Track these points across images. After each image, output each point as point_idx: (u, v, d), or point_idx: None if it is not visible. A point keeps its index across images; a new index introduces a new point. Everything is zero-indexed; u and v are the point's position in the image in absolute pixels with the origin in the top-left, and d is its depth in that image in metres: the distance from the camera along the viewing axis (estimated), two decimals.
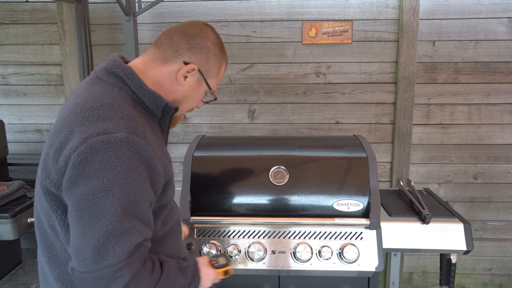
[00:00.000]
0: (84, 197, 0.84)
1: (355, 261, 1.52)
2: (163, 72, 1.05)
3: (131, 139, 0.88)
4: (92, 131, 0.87)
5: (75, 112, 0.93)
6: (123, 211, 0.84)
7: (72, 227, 0.86)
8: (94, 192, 0.84)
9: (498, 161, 2.59)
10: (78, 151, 0.85)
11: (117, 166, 0.85)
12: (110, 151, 0.85)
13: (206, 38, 1.08)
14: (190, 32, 1.06)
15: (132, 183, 0.86)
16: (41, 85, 2.68)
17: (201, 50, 1.07)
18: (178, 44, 1.05)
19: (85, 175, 0.85)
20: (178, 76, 1.05)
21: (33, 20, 2.60)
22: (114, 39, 2.60)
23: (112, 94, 0.96)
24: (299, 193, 1.62)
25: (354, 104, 2.58)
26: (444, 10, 2.45)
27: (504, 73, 2.49)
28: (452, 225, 1.62)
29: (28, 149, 2.75)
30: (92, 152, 0.85)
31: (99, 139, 0.86)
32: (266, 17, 2.51)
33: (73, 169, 0.85)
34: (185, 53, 1.05)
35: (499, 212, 2.65)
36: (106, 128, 0.88)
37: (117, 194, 0.84)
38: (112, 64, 1.01)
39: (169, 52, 1.05)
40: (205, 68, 1.08)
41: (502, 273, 2.74)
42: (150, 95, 1.01)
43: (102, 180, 0.84)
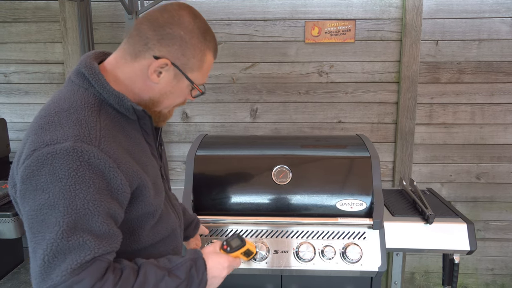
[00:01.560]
0: (32, 213, 0.81)
1: (358, 261, 1.52)
2: (135, 68, 0.95)
3: (79, 148, 0.81)
4: (40, 142, 0.83)
5: (36, 117, 0.90)
6: (70, 227, 0.79)
7: (28, 244, 0.83)
8: (40, 207, 0.80)
9: (501, 161, 2.58)
10: (25, 164, 0.82)
11: (63, 178, 0.80)
12: (56, 163, 0.80)
13: (178, 26, 0.93)
14: (159, 21, 0.93)
15: (80, 195, 0.80)
16: (43, 83, 2.67)
17: (173, 41, 0.93)
18: (147, 36, 0.93)
19: (32, 189, 0.81)
20: (149, 73, 0.94)
21: (35, 18, 2.60)
22: (116, 38, 2.60)
23: (74, 97, 0.90)
24: (302, 192, 1.61)
25: (356, 103, 2.58)
26: (448, 10, 2.44)
27: (507, 72, 2.48)
28: (455, 225, 1.62)
29: None
30: (38, 165, 0.81)
31: (45, 151, 0.81)
32: (269, 16, 2.50)
33: (21, 183, 0.83)
34: (154, 46, 0.93)
35: (501, 212, 2.65)
36: (54, 138, 0.82)
37: (62, 209, 0.79)
38: (80, 63, 0.95)
39: (138, 46, 0.93)
40: (181, 61, 0.95)
41: (504, 273, 2.73)
42: (114, 96, 0.92)
43: (48, 195, 0.80)
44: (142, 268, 0.90)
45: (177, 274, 0.93)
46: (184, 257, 0.99)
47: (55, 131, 0.84)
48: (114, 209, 0.86)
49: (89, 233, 0.81)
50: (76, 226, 0.80)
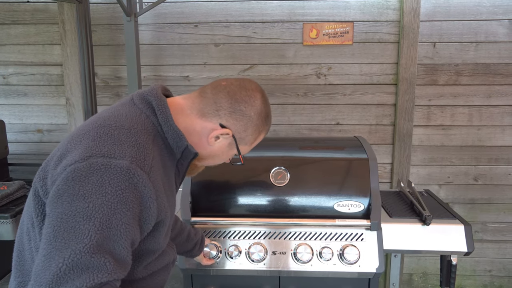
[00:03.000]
0: (64, 216, 0.78)
1: (355, 262, 1.52)
2: (197, 124, 1.00)
3: (133, 170, 0.82)
4: (97, 150, 0.83)
5: (94, 123, 0.91)
6: (98, 244, 0.76)
7: (42, 245, 0.78)
8: (75, 214, 0.77)
9: (499, 162, 2.59)
10: (75, 165, 0.81)
11: (109, 194, 0.79)
12: (106, 177, 0.80)
13: (251, 106, 1.01)
14: (237, 96, 1.00)
15: (118, 215, 0.79)
16: (42, 85, 2.68)
17: (242, 118, 1.01)
18: (221, 105, 1.00)
19: (73, 193, 0.79)
20: (210, 136, 1.00)
21: (34, 20, 2.60)
22: (115, 40, 2.60)
23: (136, 119, 0.93)
24: (300, 194, 1.61)
25: (354, 105, 2.59)
26: (445, 12, 2.45)
27: (504, 75, 2.49)
28: (452, 226, 1.62)
29: (29, 149, 2.75)
30: (88, 172, 0.80)
31: (100, 161, 0.81)
32: (267, 18, 2.51)
33: (63, 183, 0.80)
34: (224, 116, 1.00)
35: (499, 213, 2.65)
36: (112, 152, 0.83)
37: (98, 224, 0.77)
38: (149, 91, 0.99)
39: (209, 109, 1.00)
40: (241, 136, 1.03)
41: (502, 274, 2.74)
42: (174, 132, 0.96)
43: (88, 205, 0.78)
44: None
45: None
46: None
47: (114, 146, 0.85)
48: (136, 238, 0.86)
49: (111, 255, 0.79)
50: (103, 245, 0.78)
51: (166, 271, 1.11)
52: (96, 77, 2.62)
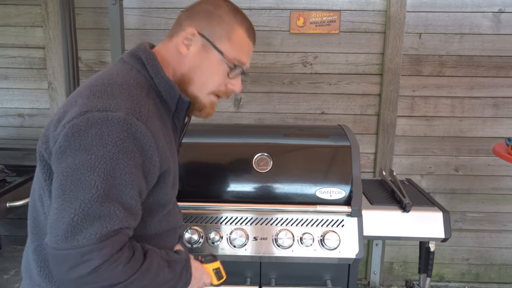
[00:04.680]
0: (69, 170, 0.81)
1: (336, 248, 1.54)
2: (170, 47, 1.02)
3: (129, 121, 0.84)
4: (92, 105, 0.85)
5: (86, 84, 0.93)
6: (105, 193, 0.80)
7: (53, 200, 0.83)
8: (79, 167, 0.80)
9: (479, 153, 2.64)
10: (73, 122, 0.83)
11: (109, 144, 0.81)
12: (105, 129, 0.82)
13: (206, 3, 1.02)
14: (192, 5, 1.04)
15: (121, 165, 0.82)
16: (23, 68, 2.62)
17: (200, 14, 1.00)
18: (181, 19, 1.02)
19: (74, 148, 0.82)
20: (179, 44, 0.99)
21: (15, 1, 2.53)
22: (100, 23, 2.55)
23: (127, 75, 0.94)
24: (282, 180, 1.62)
25: (340, 94, 2.60)
26: (431, 3, 2.47)
27: (487, 67, 2.53)
28: (431, 213, 1.65)
29: (9, 133, 2.69)
30: (86, 126, 0.82)
31: (97, 115, 0.83)
32: (254, 5, 2.49)
33: (64, 139, 0.83)
34: (184, 23, 1.00)
35: (478, 203, 2.71)
36: (107, 105, 0.85)
37: (102, 173, 0.80)
38: (137, 47, 1.00)
39: (174, 29, 1.03)
40: (208, 31, 0.99)
41: (479, 263, 2.81)
42: (166, 83, 0.97)
43: (91, 156, 0.80)
44: (148, 254, 0.91)
45: (174, 268, 0.97)
46: (180, 255, 1.04)
47: (108, 100, 0.86)
48: (142, 188, 0.88)
49: (119, 204, 0.82)
50: (110, 193, 0.81)
51: (174, 234, 1.13)
52: (79, 61, 2.58)
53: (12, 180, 2.19)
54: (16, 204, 2.07)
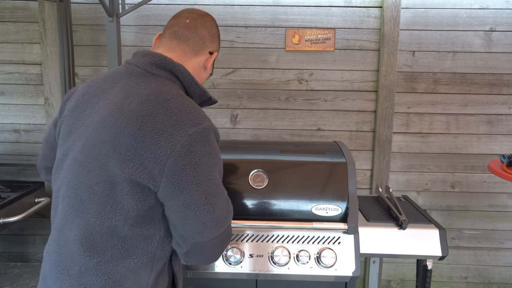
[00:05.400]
0: (197, 182, 0.97)
1: (332, 265, 1.52)
2: (195, 63, 1.19)
3: (212, 127, 1.03)
4: (184, 124, 0.97)
5: (150, 104, 0.99)
6: (220, 179, 1.05)
7: (189, 211, 0.98)
8: (204, 176, 0.98)
9: (475, 170, 2.65)
10: (180, 144, 0.95)
11: (212, 151, 1.00)
12: (204, 140, 0.99)
13: (215, 26, 1.25)
14: (207, 24, 1.21)
15: (220, 161, 1.05)
16: (20, 84, 2.63)
17: (216, 38, 1.25)
18: (204, 36, 1.20)
19: (192, 164, 0.96)
20: (208, 64, 1.22)
21: (14, 18, 2.56)
22: (97, 40, 2.58)
23: (172, 86, 1.07)
24: (278, 197, 1.61)
25: (335, 111, 2.61)
26: (424, 22, 2.51)
27: (480, 84, 2.56)
28: (428, 231, 1.64)
29: (5, 149, 2.68)
30: (192, 143, 0.96)
31: (194, 130, 0.97)
32: (250, 23, 2.53)
33: (180, 160, 0.95)
34: (209, 44, 1.21)
35: (475, 220, 2.70)
36: (194, 120, 0.99)
37: (217, 173, 1.02)
38: (161, 60, 1.09)
39: (198, 46, 1.19)
40: (218, 52, 1.27)
41: (477, 281, 2.78)
42: (199, 89, 1.15)
43: (207, 165, 0.98)
44: None
45: None
46: None
47: (189, 114, 1.00)
48: None
49: None
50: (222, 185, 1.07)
51: None
52: (76, 77, 2.59)
53: (6, 196, 2.18)
54: (10, 220, 2.05)
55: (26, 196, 2.25)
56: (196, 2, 2.52)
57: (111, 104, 1.02)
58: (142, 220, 1.00)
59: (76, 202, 1.01)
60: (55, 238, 1.05)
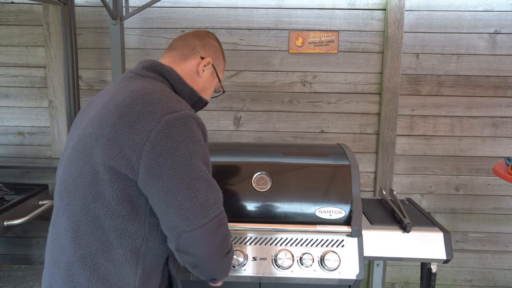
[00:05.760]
0: (176, 166, 0.96)
1: (336, 268, 1.52)
2: (185, 68, 1.22)
3: (194, 115, 1.03)
4: (161, 111, 0.98)
5: (131, 97, 1.02)
6: (208, 171, 1.03)
7: (169, 197, 0.96)
8: (182, 160, 0.97)
9: (479, 173, 2.63)
10: (156, 129, 0.96)
11: (192, 137, 1.00)
12: (183, 126, 0.99)
13: (213, 39, 1.31)
14: (200, 34, 1.28)
15: (204, 149, 1.04)
16: (24, 87, 2.64)
17: (212, 47, 1.28)
18: (194, 44, 1.25)
19: (169, 148, 0.96)
20: (199, 68, 1.23)
21: (18, 22, 2.58)
22: (100, 43, 2.59)
23: (159, 84, 1.10)
24: (282, 199, 1.61)
25: (339, 113, 2.61)
26: (428, 24, 2.50)
27: (484, 87, 2.55)
28: (432, 234, 1.63)
29: (9, 151, 2.69)
30: (168, 128, 0.97)
31: (171, 116, 0.98)
32: (254, 26, 2.53)
33: (156, 145, 0.96)
34: (200, 50, 1.25)
35: (479, 223, 2.69)
36: (172, 108, 1.00)
37: (200, 160, 1.00)
38: (151, 63, 1.16)
39: (187, 51, 1.24)
40: (216, 63, 1.29)
41: (482, 284, 2.76)
42: (188, 89, 1.18)
43: (185, 150, 0.97)
44: None
45: None
46: None
47: (168, 104, 1.01)
48: None
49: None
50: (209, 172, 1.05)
51: None
52: (80, 80, 2.60)
53: (10, 198, 2.18)
54: (14, 222, 2.06)
55: (30, 199, 2.26)
56: (200, 5, 2.52)
57: (101, 103, 1.08)
58: (125, 212, 1.00)
59: (64, 195, 1.04)
60: (50, 234, 1.10)
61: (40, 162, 2.60)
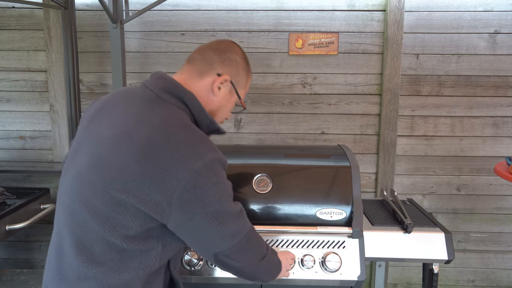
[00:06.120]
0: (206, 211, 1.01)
1: (337, 270, 1.51)
2: (201, 85, 1.16)
3: (217, 156, 1.04)
4: (189, 160, 0.98)
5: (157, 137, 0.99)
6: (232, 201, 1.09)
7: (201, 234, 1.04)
8: (211, 204, 1.01)
9: (481, 173, 2.63)
10: (185, 180, 0.97)
11: (218, 181, 1.03)
12: (210, 173, 1.00)
13: (235, 53, 1.20)
14: (220, 48, 1.19)
15: (228, 186, 1.08)
16: (26, 91, 2.65)
17: (231, 63, 1.18)
18: (212, 59, 1.16)
19: (198, 196, 0.99)
20: (214, 87, 1.16)
21: (19, 26, 2.59)
22: (101, 47, 2.60)
23: (181, 114, 1.07)
24: (283, 201, 1.61)
25: (339, 115, 2.61)
26: (428, 25, 2.50)
27: (485, 86, 2.55)
28: (433, 234, 1.63)
29: (11, 156, 2.70)
30: (197, 177, 0.98)
31: (199, 165, 0.98)
32: (253, 28, 2.53)
33: (186, 193, 0.98)
34: (218, 66, 1.16)
35: (481, 223, 2.68)
36: (199, 153, 1.00)
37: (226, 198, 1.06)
38: (172, 85, 1.10)
39: (203, 67, 1.16)
40: (236, 79, 1.20)
41: (485, 284, 2.75)
42: (208, 119, 1.15)
43: (214, 195, 1.01)
44: None
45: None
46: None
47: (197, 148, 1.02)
48: None
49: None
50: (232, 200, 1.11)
51: None
52: (81, 83, 2.61)
53: (12, 202, 2.19)
54: (15, 226, 2.06)
55: (31, 203, 2.27)
56: (200, 8, 2.53)
57: (122, 126, 1.03)
58: (141, 237, 1.02)
59: (78, 216, 1.03)
60: (55, 247, 1.08)
61: (42, 166, 2.61)
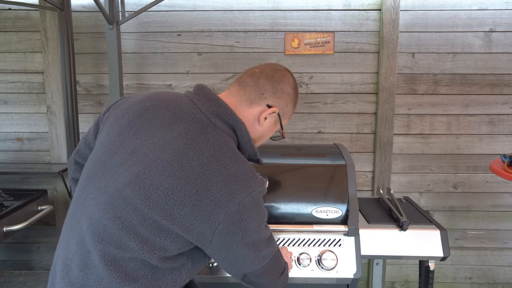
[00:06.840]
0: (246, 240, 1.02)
1: (333, 268, 1.52)
2: (249, 113, 1.14)
3: (262, 189, 1.04)
4: (239, 195, 0.98)
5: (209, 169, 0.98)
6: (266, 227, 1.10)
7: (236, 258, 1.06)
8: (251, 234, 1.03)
9: (477, 170, 2.64)
10: (232, 213, 0.98)
11: (260, 213, 1.05)
12: (255, 206, 1.01)
13: (288, 84, 1.18)
14: (275, 77, 1.16)
15: (266, 213, 1.09)
16: (23, 93, 2.65)
17: (283, 95, 1.17)
18: (264, 88, 1.14)
19: (242, 228, 1.00)
20: (261, 117, 1.15)
21: (16, 28, 2.59)
22: (98, 48, 2.60)
23: (231, 144, 1.06)
24: (279, 200, 1.62)
25: (336, 114, 2.62)
26: (423, 23, 2.51)
27: (480, 85, 2.56)
28: (429, 231, 1.64)
29: (8, 157, 2.71)
30: (243, 211, 0.99)
31: (247, 200, 0.99)
32: (250, 28, 2.54)
33: (231, 225, 0.98)
34: (269, 97, 1.15)
35: (478, 221, 2.69)
36: (247, 188, 1.00)
37: (263, 225, 1.08)
38: (226, 112, 1.08)
39: (255, 95, 1.14)
40: (283, 111, 1.19)
41: (482, 281, 2.77)
42: (252, 150, 1.15)
43: (255, 225, 1.02)
44: None
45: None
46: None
47: (245, 182, 1.01)
48: None
49: None
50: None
51: None
52: (78, 85, 2.61)
53: (10, 204, 2.19)
54: (13, 228, 2.06)
55: (29, 204, 2.27)
56: (196, 8, 2.54)
57: (171, 148, 1.00)
58: (174, 257, 1.04)
59: (110, 231, 0.99)
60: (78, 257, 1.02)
61: (39, 167, 2.61)
